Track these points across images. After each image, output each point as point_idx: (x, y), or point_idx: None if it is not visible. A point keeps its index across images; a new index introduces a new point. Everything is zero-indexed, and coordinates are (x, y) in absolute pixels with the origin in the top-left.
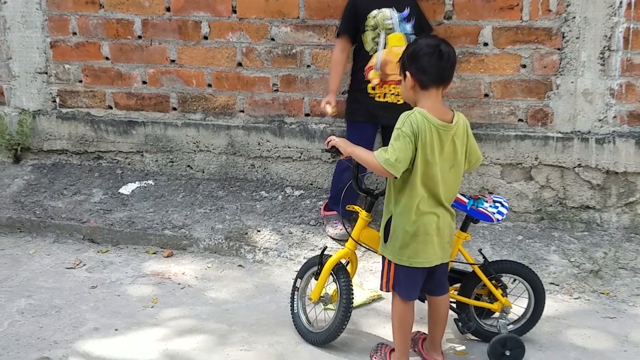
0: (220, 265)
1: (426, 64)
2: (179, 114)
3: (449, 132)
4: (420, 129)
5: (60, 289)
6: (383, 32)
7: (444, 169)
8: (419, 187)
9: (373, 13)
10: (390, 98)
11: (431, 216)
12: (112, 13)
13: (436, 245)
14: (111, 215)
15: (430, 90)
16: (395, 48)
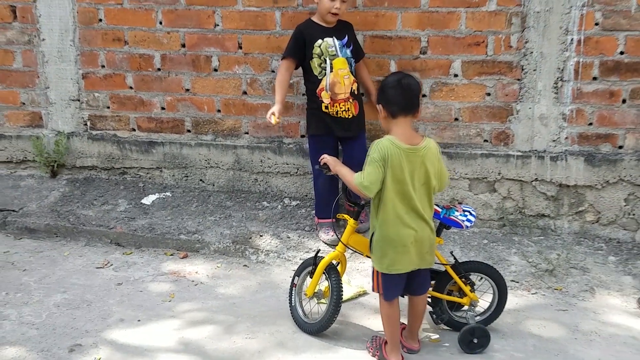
0: (228, 265)
1: (392, 96)
2: (192, 135)
3: (417, 154)
4: (388, 153)
5: (90, 285)
6: (328, 58)
7: (416, 186)
8: (394, 203)
9: (318, 42)
10: (342, 114)
11: (409, 230)
12: (135, 49)
13: (413, 255)
14: (134, 222)
15: (399, 119)
16: (340, 70)
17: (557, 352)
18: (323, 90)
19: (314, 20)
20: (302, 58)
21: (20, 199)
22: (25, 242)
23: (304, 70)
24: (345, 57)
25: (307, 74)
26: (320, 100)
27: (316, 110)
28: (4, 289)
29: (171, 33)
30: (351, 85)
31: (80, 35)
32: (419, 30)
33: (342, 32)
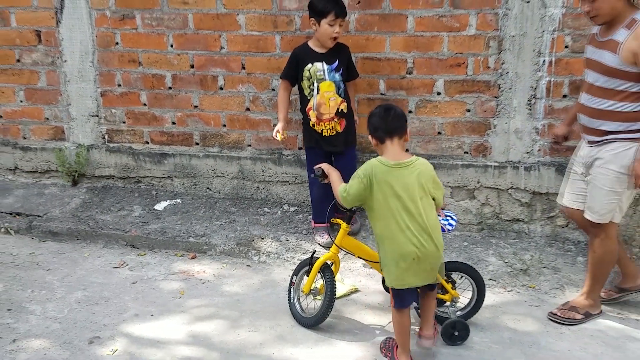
0: (232, 265)
1: (376, 123)
2: (200, 148)
3: (403, 169)
4: (373, 171)
5: (108, 283)
6: (316, 81)
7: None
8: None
9: (308, 67)
10: (327, 132)
11: (410, 247)
12: (149, 69)
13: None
14: (148, 226)
15: (387, 142)
16: (326, 93)
17: (530, 344)
18: (311, 109)
19: (309, 44)
20: (295, 79)
21: (44, 205)
22: (49, 244)
23: (298, 88)
24: (332, 81)
25: (300, 93)
26: (309, 118)
27: (307, 126)
28: (30, 287)
29: (181, 55)
30: (337, 106)
31: (98, 57)
32: (406, 53)
33: (333, 56)
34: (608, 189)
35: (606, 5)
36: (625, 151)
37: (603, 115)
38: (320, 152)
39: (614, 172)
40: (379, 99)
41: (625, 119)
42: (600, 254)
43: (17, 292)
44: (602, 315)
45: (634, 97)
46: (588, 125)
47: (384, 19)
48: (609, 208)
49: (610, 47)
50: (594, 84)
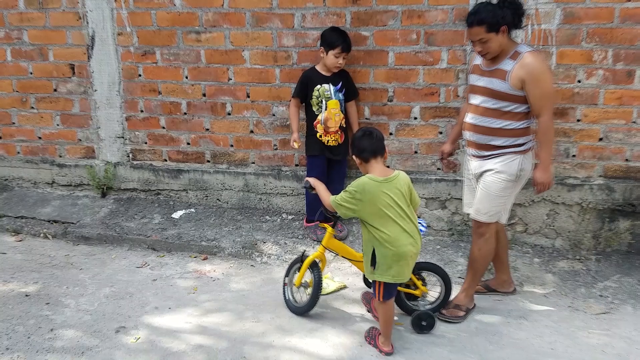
0: (239, 266)
1: (360, 145)
2: (211, 165)
3: (391, 183)
4: (366, 188)
5: (132, 281)
6: (324, 99)
7: (404, 208)
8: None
9: (317, 87)
10: (332, 142)
11: (410, 247)
12: (167, 97)
13: (410, 266)
14: (166, 232)
15: (371, 162)
16: (332, 109)
17: (494, 333)
18: (319, 123)
19: (317, 68)
20: (305, 97)
21: (77, 214)
22: (82, 247)
23: (306, 105)
24: (337, 99)
25: (308, 109)
26: (316, 131)
27: (313, 137)
28: (65, 284)
29: (195, 85)
30: (340, 121)
31: (124, 87)
32: (387, 83)
33: (337, 79)
34: (497, 194)
35: (494, 44)
36: (512, 162)
37: (493, 132)
38: (320, 161)
39: (504, 180)
40: (363, 123)
41: (511, 134)
42: (485, 251)
43: (54, 288)
44: (552, 308)
45: (518, 116)
46: (479, 142)
47: (369, 54)
48: (497, 210)
49: (499, 75)
50: (483, 106)
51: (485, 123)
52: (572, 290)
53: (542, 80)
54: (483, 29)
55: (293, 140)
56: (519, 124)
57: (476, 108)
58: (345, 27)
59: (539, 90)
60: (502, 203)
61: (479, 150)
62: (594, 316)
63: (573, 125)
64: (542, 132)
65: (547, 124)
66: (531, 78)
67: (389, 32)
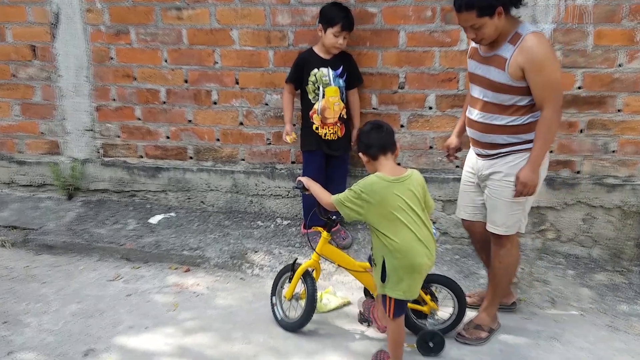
0: (226, 278)
1: (368, 141)
2: (194, 162)
3: (403, 183)
4: (374, 188)
5: (103, 296)
6: (321, 86)
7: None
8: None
9: (314, 71)
10: (330, 136)
11: (424, 258)
12: (143, 84)
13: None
14: (142, 240)
15: (380, 158)
16: (331, 98)
17: (521, 357)
18: (315, 113)
19: (315, 50)
20: (300, 82)
21: (39, 219)
22: (44, 257)
23: (302, 92)
24: (337, 86)
25: (304, 97)
26: (312, 122)
27: (309, 129)
28: (25, 300)
29: (175, 70)
30: (340, 111)
31: (93, 72)
32: (397, 68)
33: (338, 63)
34: (511, 201)
35: (489, 29)
36: (522, 161)
37: (495, 130)
38: (317, 157)
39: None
40: (371, 114)
41: (517, 131)
42: (507, 263)
43: (12, 305)
44: (589, 327)
45: (523, 110)
46: (480, 140)
47: (376, 34)
48: (514, 219)
49: (497, 63)
50: (483, 99)
51: (486, 119)
52: (612, 307)
53: (545, 66)
54: (473, 14)
55: (285, 133)
56: (525, 118)
57: (476, 101)
58: (349, 3)
59: (542, 79)
60: (519, 210)
61: (483, 149)
62: (637, 337)
63: (613, 117)
64: (541, 127)
65: (549, 120)
66: (532, 65)
67: (399, 8)
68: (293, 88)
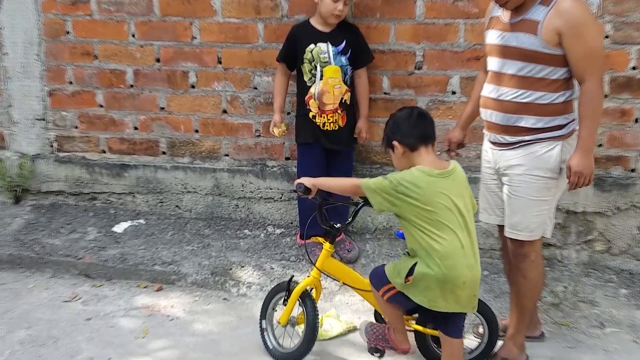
0: (206, 299)
1: (408, 128)
2: (168, 158)
3: (449, 178)
4: (418, 183)
5: (57, 320)
6: (319, 65)
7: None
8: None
9: (310, 47)
10: (329, 126)
11: (464, 270)
12: (106, 63)
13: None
14: (105, 252)
15: (420, 149)
16: (330, 79)
17: None
18: (311, 98)
19: (311, 22)
20: (293, 62)
21: None
22: None
23: (297, 73)
24: (339, 65)
25: (299, 79)
26: (308, 109)
27: (304, 117)
28: None
29: (145, 47)
30: (342, 95)
31: (46, 49)
32: (414, 44)
33: (340, 37)
34: (536, 199)
35: None
36: (549, 152)
37: (520, 109)
38: (317, 151)
39: (540, 179)
40: (381, 100)
41: (546, 112)
42: (533, 278)
43: None
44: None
45: (555, 85)
46: (500, 123)
47: (388, 3)
48: (539, 221)
49: (527, 28)
50: (507, 73)
51: (510, 96)
52: None
53: (586, 31)
54: None
55: (273, 124)
56: (557, 95)
57: (497, 76)
58: None
59: (583, 46)
60: (544, 211)
61: (502, 136)
62: None
63: None
64: (585, 103)
65: (593, 92)
66: (571, 29)
67: None
68: (286, 68)
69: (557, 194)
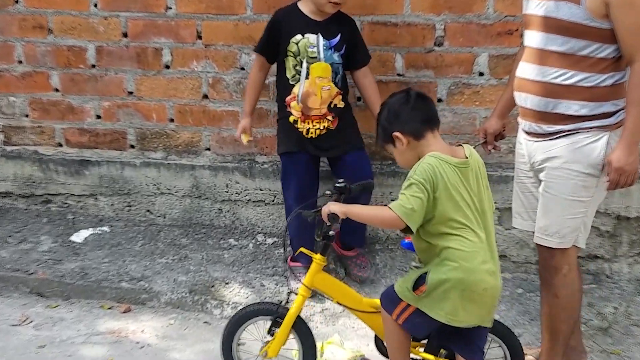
0: (183, 322)
1: (408, 113)
2: (137, 153)
3: (470, 169)
4: (436, 172)
5: (3, 348)
6: (305, 60)
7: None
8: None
9: (296, 38)
10: (314, 133)
11: (485, 275)
12: (63, 39)
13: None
14: (61, 266)
15: (427, 136)
16: (318, 79)
17: None
18: (294, 99)
19: (299, 6)
20: (273, 54)
21: None
22: None
23: (278, 68)
24: (329, 63)
25: (280, 75)
26: (289, 111)
27: (284, 122)
28: None
29: (109, 19)
30: (332, 98)
31: None
32: (433, 15)
33: (334, 29)
34: (571, 198)
35: None
36: (592, 144)
37: (560, 93)
38: (302, 157)
39: (578, 175)
40: (394, 83)
41: (591, 97)
42: (565, 296)
43: None
44: None
45: (602, 65)
46: (537, 109)
47: None
48: (572, 225)
49: None
50: (545, 49)
51: (549, 76)
52: None
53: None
54: None
55: (241, 129)
56: (605, 77)
57: (534, 53)
58: None
59: (635, 18)
60: (579, 214)
61: (539, 124)
62: None
63: None
64: (634, 87)
65: None
66: None
67: None
68: (265, 61)
69: (597, 195)
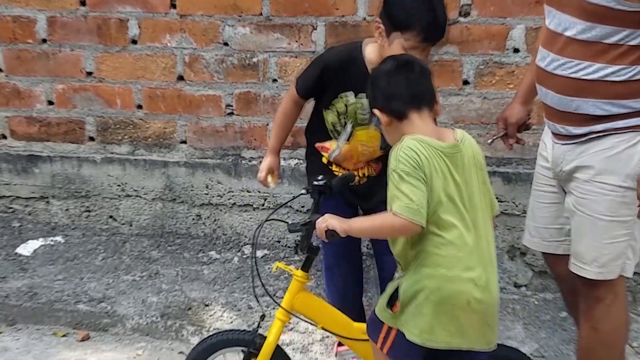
0: (154, 352)
1: (389, 87)
2: (98, 146)
3: (459, 155)
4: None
5: None
6: (350, 123)
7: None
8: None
9: (347, 96)
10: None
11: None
12: (7, 8)
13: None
14: (5, 285)
15: (412, 115)
16: (361, 145)
17: None
18: (326, 151)
19: (364, 52)
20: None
21: None
22: None
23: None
24: (378, 130)
25: (316, 117)
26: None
27: (315, 158)
28: None
29: None
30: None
31: None
32: None
33: None
34: (609, 219)
35: None
36: (629, 149)
37: (584, 90)
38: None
39: (615, 189)
40: None
41: (622, 93)
42: (608, 332)
43: None
44: None
45: (634, 56)
46: (557, 107)
47: None
48: (614, 251)
49: None
50: (566, 35)
51: (571, 69)
52: None
53: None
54: None
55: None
56: (637, 70)
57: (554, 39)
58: None
59: None
60: (621, 237)
61: (563, 125)
62: None
63: None
64: None
65: None
66: None
67: None
68: (301, 100)
69: None
